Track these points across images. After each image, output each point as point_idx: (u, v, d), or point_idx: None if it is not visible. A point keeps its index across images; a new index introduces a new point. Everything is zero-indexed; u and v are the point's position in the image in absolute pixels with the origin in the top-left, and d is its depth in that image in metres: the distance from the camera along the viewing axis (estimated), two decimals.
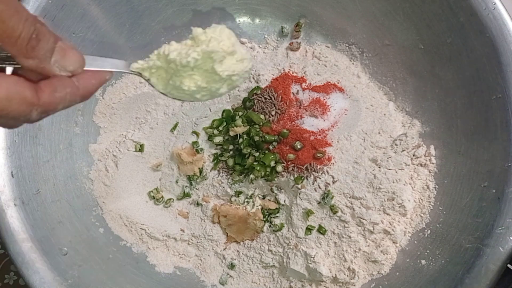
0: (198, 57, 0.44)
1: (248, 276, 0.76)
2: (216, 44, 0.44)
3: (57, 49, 0.37)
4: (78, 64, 0.39)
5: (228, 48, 0.45)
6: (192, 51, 0.44)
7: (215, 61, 0.44)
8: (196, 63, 0.44)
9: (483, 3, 0.66)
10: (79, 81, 0.41)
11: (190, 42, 0.45)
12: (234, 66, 0.46)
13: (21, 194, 0.65)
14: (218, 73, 0.45)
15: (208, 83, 0.46)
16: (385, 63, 0.80)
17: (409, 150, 0.73)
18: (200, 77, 0.45)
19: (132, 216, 0.77)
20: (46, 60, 0.37)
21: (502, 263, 0.59)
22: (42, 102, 0.38)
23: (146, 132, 0.81)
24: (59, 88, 0.39)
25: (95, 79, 0.42)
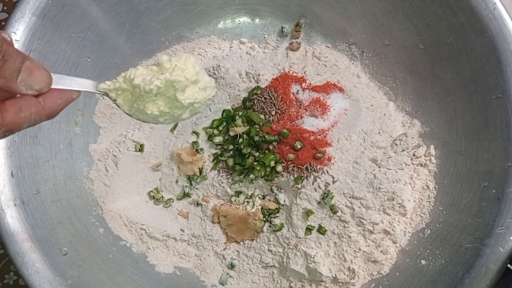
0: (161, 85, 0.45)
1: (248, 276, 0.76)
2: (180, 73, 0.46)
3: (24, 68, 0.38)
4: (45, 83, 0.40)
5: (191, 77, 0.47)
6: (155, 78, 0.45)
7: (177, 89, 0.46)
8: (158, 90, 0.46)
9: (483, 3, 0.66)
10: (45, 100, 0.41)
11: (155, 68, 0.47)
12: (196, 94, 0.47)
13: (21, 194, 0.65)
14: (179, 101, 0.47)
15: (170, 109, 0.47)
16: (385, 63, 0.80)
17: (409, 150, 0.74)
18: (163, 103, 0.47)
19: (132, 216, 0.77)
20: (12, 80, 0.37)
21: (502, 263, 0.59)
22: (6, 122, 0.38)
23: (146, 132, 0.81)
24: (24, 108, 0.39)
25: (61, 99, 0.43)
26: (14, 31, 0.66)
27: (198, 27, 0.85)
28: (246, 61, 0.82)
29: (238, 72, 0.80)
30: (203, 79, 0.48)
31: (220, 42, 0.85)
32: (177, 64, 0.46)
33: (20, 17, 0.67)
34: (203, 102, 0.49)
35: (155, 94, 0.46)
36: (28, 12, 0.67)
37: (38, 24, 0.68)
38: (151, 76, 0.46)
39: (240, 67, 0.80)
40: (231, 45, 0.85)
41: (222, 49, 0.85)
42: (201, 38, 0.85)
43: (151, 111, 0.47)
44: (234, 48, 0.85)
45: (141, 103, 0.47)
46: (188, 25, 0.84)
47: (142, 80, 0.46)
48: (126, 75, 0.47)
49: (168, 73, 0.46)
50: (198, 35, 0.85)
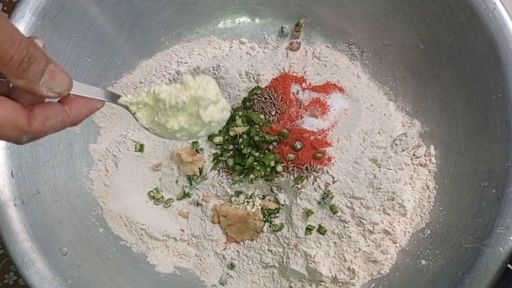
0: (187, 101, 0.48)
1: (248, 276, 0.76)
2: (203, 91, 0.49)
3: (47, 71, 0.39)
4: (65, 87, 0.41)
5: (213, 96, 0.49)
6: (182, 94, 0.48)
7: (201, 106, 0.49)
8: (183, 105, 0.48)
9: (483, 3, 0.66)
10: (71, 109, 0.43)
11: (179, 86, 0.49)
12: (215, 114, 0.50)
13: (21, 194, 0.65)
14: (201, 117, 0.49)
15: (189, 125, 0.50)
16: (385, 63, 0.80)
17: (409, 150, 0.74)
18: (184, 119, 0.49)
19: (132, 216, 0.77)
20: (35, 81, 0.39)
21: (502, 263, 0.59)
22: (33, 130, 0.40)
23: (146, 132, 0.80)
24: (51, 116, 0.41)
25: (86, 108, 0.45)
26: None
27: (198, 27, 0.85)
28: (246, 61, 0.82)
29: (238, 72, 0.80)
30: (222, 101, 0.51)
31: (220, 42, 0.85)
32: (200, 84, 0.49)
33: (20, 17, 0.67)
34: (219, 122, 0.51)
35: (178, 109, 0.48)
36: (28, 12, 0.67)
37: (38, 24, 0.68)
38: (176, 92, 0.49)
39: (240, 67, 0.80)
40: (231, 45, 0.85)
41: (222, 49, 0.85)
42: (201, 38, 0.85)
43: (171, 126, 0.49)
44: (234, 48, 0.85)
45: (162, 117, 0.49)
46: (188, 25, 0.84)
47: (167, 95, 0.48)
48: (150, 90, 0.49)
49: (193, 91, 0.49)
50: (198, 35, 0.85)
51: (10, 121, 0.38)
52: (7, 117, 0.38)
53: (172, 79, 0.83)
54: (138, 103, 0.50)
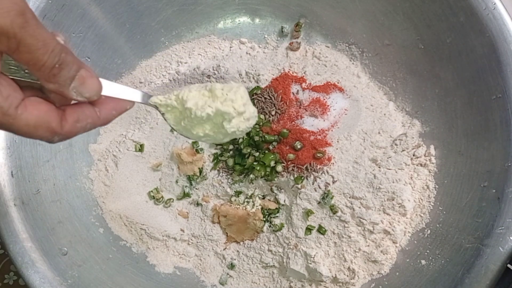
0: (212, 114, 0.50)
1: (248, 276, 0.76)
2: (230, 103, 0.50)
3: (78, 77, 0.41)
4: (94, 92, 0.43)
5: (239, 108, 0.51)
6: (207, 106, 0.49)
7: (225, 119, 0.50)
8: (208, 117, 0.50)
9: (483, 3, 0.66)
10: (101, 111, 0.45)
11: (207, 94, 0.51)
12: (240, 123, 0.52)
13: (21, 194, 0.65)
14: (225, 129, 0.51)
15: (214, 133, 0.52)
16: (385, 63, 0.80)
17: (409, 150, 0.74)
18: (209, 127, 0.51)
19: (132, 216, 0.77)
20: (65, 86, 0.40)
21: (502, 263, 0.59)
22: (64, 132, 0.42)
23: (146, 132, 0.81)
24: (81, 118, 0.44)
25: (116, 110, 0.47)
26: None
27: (198, 27, 0.85)
28: (246, 61, 0.82)
29: (238, 72, 0.80)
30: (248, 110, 0.52)
31: (220, 42, 0.85)
32: (228, 95, 0.50)
33: None
34: (243, 130, 0.53)
35: (204, 120, 0.50)
36: None
37: None
38: (203, 102, 0.50)
39: (240, 67, 0.80)
40: (231, 45, 0.85)
41: (222, 49, 0.85)
42: (201, 38, 0.85)
43: (196, 132, 0.51)
44: (234, 48, 0.85)
45: (189, 123, 0.51)
46: (188, 25, 0.84)
47: (194, 104, 0.49)
48: (179, 95, 0.50)
49: (219, 102, 0.50)
50: (198, 35, 0.85)
51: (44, 123, 0.40)
52: (41, 119, 0.40)
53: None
54: (167, 105, 0.51)
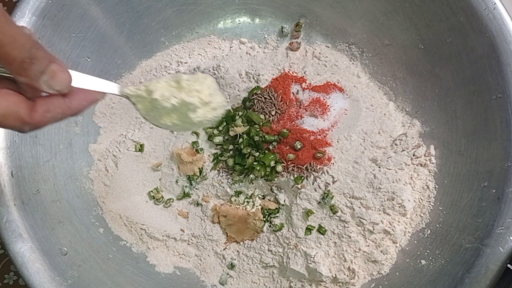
0: (176, 104, 0.51)
1: (248, 276, 0.76)
2: (195, 94, 0.52)
3: (48, 71, 0.42)
4: (64, 86, 0.44)
5: (205, 98, 0.52)
6: (172, 97, 0.51)
7: (190, 109, 0.52)
8: (174, 108, 0.51)
9: (483, 3, 0.66)
10: (72, 101, 0.46)
11: (174, 85, 0.52)
12: (206, 113, 0.53)
13: (21, 194, 0.65)
14: (191, 119, 0.52)
15: (182, 122, 0.53)
16: (385, 63, 0.80)
17: (409, 150, 0.74)
18: (176, 116, 0.52)
19: (132, 216, 0.77)
20: (36, 80, 0.42)
21: (502, 263, 0.59)
22: (34, 121, 0.44)
23: (146, 132, 0.81)
24: (51, 108, 0.44)
25: (86, 100, 0.48)
26: None
27: (198, 27, 0.85)
28: (246, 61, 0.82)
29: (238, 72, 0.80)
30: (215, 100, 0.54)
31: (220, 42, 0.85)
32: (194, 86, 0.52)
33: (20, 17, 0.67)
34: (211, 119, 0.54)
35: (170, 110, 0.51)
36: (28, 12, 0.67)
37: (38, 24, 0.68)
38: (169, 93, 0.51)
39: (240, 67, 0.80)
40: (231, 45, 0.85)
41: (222, 49, 0.85)
42: (201, 38, 0.85)
43: (164, 121, 0.53)
44: (234, 48, 0.85)
45: (157, 113, 0.52)
46: (188, 25, 0.84)
47: (160, 95, 0.51)
48: (148, 86, 0.52)
49: (185, 94, 0.51)
50: (198, 35, 0.85)
51: (13, 113, 0.42)
52: (10, 109, 0.42)
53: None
54: (138, 96, 0.52)
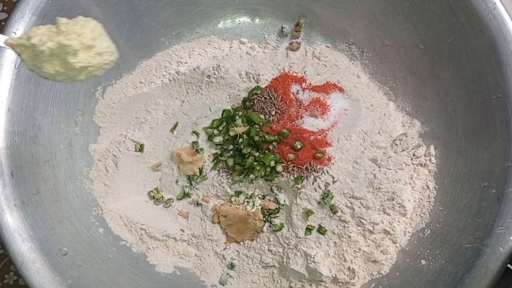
0: (53, 48, 0.48)
1: (248, 276, 0.76)
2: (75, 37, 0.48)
3: None
4: None
5: (86, 41, 0.49)
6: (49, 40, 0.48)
7: (69, 53, 0.48)
8: (52, 52, 0.48)
9: (483, 3, 0.66)
10: None
11: (54, 29, 0.49)
12: (90, 58, 0.50)
13: (21, 194, 0.65)
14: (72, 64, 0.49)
15: (65, 70, 0.50)
16: (385, 63, 0.80)
17: (409, 150, 0.74)
18: (58, 63, 0.49)
19: (132, 216, 0.77)
20: None
21: (502, 263, 0.59)
22: None
23: (146, 132, 0.81)
24: None
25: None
26: (14, 31, 0.66)
27: (198, 27, 0.85)
28: (246, 61, 0.82)
29: (238, 72, 0.80)
30: (100, 45, 0.50)
31: (220, 42, 0.85)
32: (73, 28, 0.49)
33: (20, 17, 0.67)
34: (98, 66, 0.51)
35: (49, 55, 0.48)
36: (28, 12, 0.67)
37: (38, 24, 0.68)
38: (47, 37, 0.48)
39: (240, 67, 0.80)
40: (231, 45, 0.85)
41: (222, 49, 0.85)
42: (201, 38, 0.85)
43: (47, 70, 0.49)
44: (234, 48, 0.85)
45: (38, 61, 0.49)
46: (188, 25, 0.84)
47: (38, 40, 0.48)
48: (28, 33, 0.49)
49: (62, 36, 0.48)
50: (198, 35, 0.85)
51: None
52: None
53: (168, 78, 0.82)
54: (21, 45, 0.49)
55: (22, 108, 0.67)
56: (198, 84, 0.80)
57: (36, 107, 0.69)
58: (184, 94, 0.81)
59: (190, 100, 0.81)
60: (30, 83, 0.68)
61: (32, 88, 0.68)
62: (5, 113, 0.66)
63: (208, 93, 0.80)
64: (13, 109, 0.66)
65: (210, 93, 0.80)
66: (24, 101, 0.68)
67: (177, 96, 0.82)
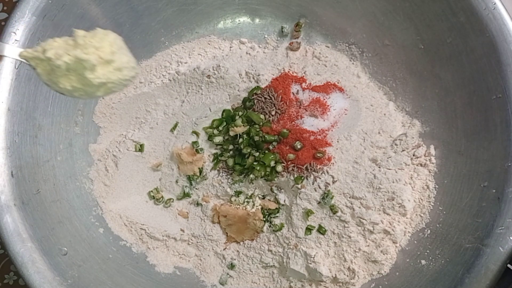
0: (70, 62, 0.45)
1: (248, 276, 0.76)
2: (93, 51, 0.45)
3: None
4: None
5: (105, 56, 0.45)
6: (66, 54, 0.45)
7: (86, 68, 0.45)
8: (68, 66, 0.45)
9: (483, 3, 0.66)
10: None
11: (71, 42, 0.46)
12: (109, 74, 0.46)
13: (21, 194, 0.65)
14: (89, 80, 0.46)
15: (83, 85, 0.47)
16: (385, 63, 0.80)
17: (409, 150, 0.74)
18: (75, 78, 0.46)
19: (132, 216, 0.77)
20: None
21: (502, 263, 0.59)
22: None
23: (146, 132, 0.81)
24: None
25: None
26: (14, 31, 0.66)
27: (198, 27, 0.85)
28: (246, 61, 0.82)
29: (238, 72, 0.80)
30: (120, 59, 0.47)
31: (220, 42, 0.85)
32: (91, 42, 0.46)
33: (20, 17, 0.67)
34: (117, 82, 0.48)
35: (65, 69, 0.45)
36: (28, 12, 0.67)
37: (38, 24, 0.68)
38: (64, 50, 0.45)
39: (240, 67, 0.80)
40: (231, 45, 0.85)
41: (222, 49, 0.85)
42: (201, 38, 0.85)
43: (63, 85, 0.47)
44: (234, 48, 0.85)
45: (54, 76, 0.46)
46: (188, 25, 0.84)
47: (54, 53, 0.45)
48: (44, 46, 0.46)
49: (80, 50, 0.45)
50: (198, 35, 0.85)
51: None
52: None
53: None
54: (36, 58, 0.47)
55: (22, 108, 0.67)
56: (198, 84, 0.80)
57: (36, 107, 0.69)
58: (184, 94, 0.81)
59: (190, 100, 0.81)
60: (30, 83, 0.68)
61: (32, 88, 0.68)
62: (5, 113, 0.66)
63: (208, 93, 0.80)
64: (13, 109, 0.66)
65: (210, 93, 0.80)
66: (24, 101, 0.68)
67: (177, 96, 0.82)
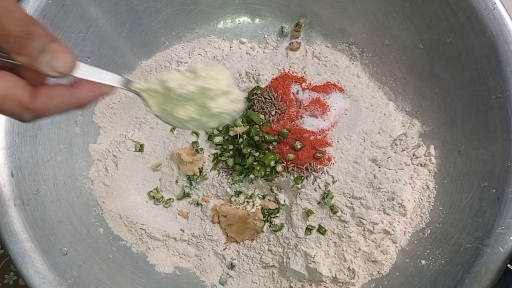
0: (195, 91, 0.47)
1: (248, 276, 0.76)
2: (214, 82, 0.47)
3: (49, 50, 0.38)
4: (67, 67, 0.40)
5: (224, 87, 0.48)
6: (190, 84, 0.47)
7: (209, 97, 0.47)
8: (191, 95, 0.47)
9: (483, 3, 0.66)
10: (78, 91, 0.43)
11: (190, 75, 0.48)
12: (226, 105, 0.49)
13: (21, 194, 0.65)
14: (209, 109, 0.48)
15: (199, 116, 0.49)
16: (385, 63, 0.80)
17: (409, 150, 0.74)
18: (193, 108, 0.48)
19: (132, 216, 0.77)
20: (36, 59, 0.38)
21: (502, 263, 0.59)
22: (35, 107, 0.40)
23: (146, 132, 0.81)
24: (55, 96, 0.41)
25: (94, 92, 0.44)
26: None
27: (198, 27, 0.85)
28: (246, 61, 0.82)
29: (238, 72, 0.80)
30: (234, 92, 0.50)
31: (220, 42, 0.85)
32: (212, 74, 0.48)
33: None
34: (230, 113, 0.50)
35: (187, 99, 0.47)
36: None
37: None
38: (185, 81, 0.47)
39: (240, 67, 0.80)
40: (231, 45, 0.85)
41: (222, 49, 0.85)
42: (201, 38, 0.85)
43: (180, 115, 0.49)
44: (234, 48, 0.85)
45: (171, 106, 0.48)
46: (188, 25, 0.84)
47: (176, 84, 0.47)
48: (161, 78, 0.48)
49: (202, 81, 0.47)
50: (198, 35, 0.85)
51: (12, 95, 0.39)
52: (9, 90, 0.38)
53: None
54: (150, 90, 0.48)
55: None
56: None
57: None
58: None
59: None
60: None
61: None
62: None
63: None
64: None
65: None
66: None
67: None
